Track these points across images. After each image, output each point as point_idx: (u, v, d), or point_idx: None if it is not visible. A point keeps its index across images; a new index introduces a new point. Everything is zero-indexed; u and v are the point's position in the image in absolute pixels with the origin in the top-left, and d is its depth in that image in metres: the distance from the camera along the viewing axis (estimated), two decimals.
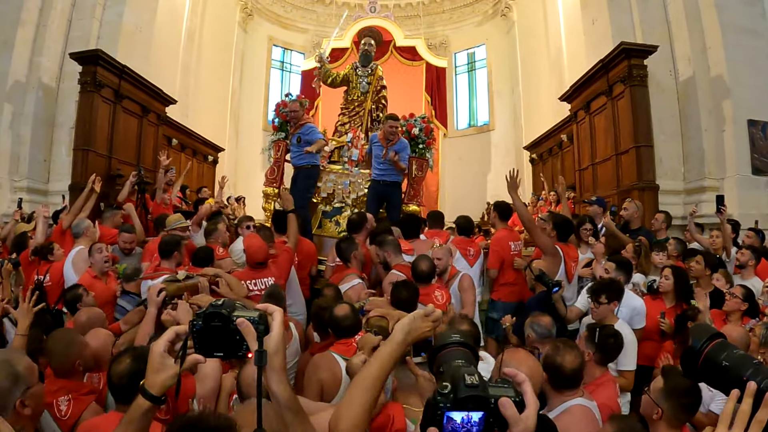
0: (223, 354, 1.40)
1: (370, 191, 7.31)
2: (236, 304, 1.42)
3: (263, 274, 4.71)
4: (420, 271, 4.46)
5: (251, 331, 1.35)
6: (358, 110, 8.71)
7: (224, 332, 1.36)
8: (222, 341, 1.37)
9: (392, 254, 5.01)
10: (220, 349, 1.38)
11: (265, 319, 1.40)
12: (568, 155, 11.34)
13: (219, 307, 1.36)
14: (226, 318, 1.35)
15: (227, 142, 15.54)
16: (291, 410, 1.48)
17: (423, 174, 8.26)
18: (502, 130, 16.77)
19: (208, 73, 14.41)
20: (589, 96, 9.49)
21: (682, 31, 8.63)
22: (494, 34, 17.20)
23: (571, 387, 2.74)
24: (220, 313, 1.35)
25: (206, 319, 1.35)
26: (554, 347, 2.82)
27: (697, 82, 8.43)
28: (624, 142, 8.45)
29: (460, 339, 1.29)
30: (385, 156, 6.94)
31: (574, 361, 2.73)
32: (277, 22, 17.82)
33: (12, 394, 1.91)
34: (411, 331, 1.65)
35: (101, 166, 8.54)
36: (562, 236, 5.24)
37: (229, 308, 1.37)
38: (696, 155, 8.42)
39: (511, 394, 1.06)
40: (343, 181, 7.85)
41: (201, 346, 1.38)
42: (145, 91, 9.72)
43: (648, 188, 7.97)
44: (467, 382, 1.03)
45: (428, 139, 8.17)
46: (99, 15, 9.23)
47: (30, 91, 8.55)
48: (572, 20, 11.14)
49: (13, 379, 1.94)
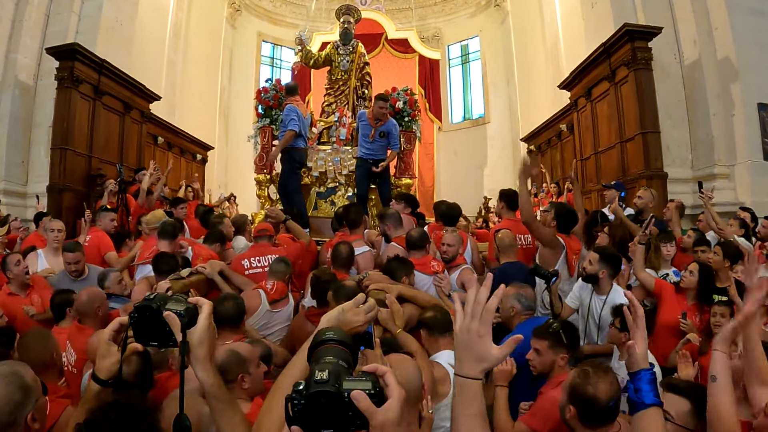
0: (158, 343, 1.49)
1: (359, 170, 7.21)
2: (170, 298, 1.51)
3: (268, 251, 4.79)
4: (413, 240, 4.40)
5: (176, 323, 1.45)
6: (343, 89, 8.70)
7: (156, 324, 1.45)
8: (155, 332, 1.47)
9: (392, 228, 4.95)
10: (155, 339, 1.48)
11: (192, 312, 1.49)
12: (568, 145, 11.02)
13: (150, 301, 1.46)
14: (155, 311, 1.45)
15: (217, 140, 15.12)
16: (215, 398, 1.56)
17: (412, 147, 8.44)
18: (498, 122, 16.45)
19: (195, 69, 14.00)
20: (591, 82, 9.15)
21: (686, 12, 8.27)
22: (488, 25, 16.86)
23: (608, 422, 2.22)
24: (150, 307, 1.45)
25: (139, 312, 1.45)
26: (582, 374, 2.26)
27: (704, 66, 8.08)
28: (629, 128, 8.10)
29: (335, 336, 1.25)
30: (372, 137, 6.88)
31: (610, 390, 2.19)
32: (267, 18, 17.43)
33: (24, 408, 1.79)
34: (339, 325, 1.49)
35: (81, 166, 8.19)
36: (563, 227, 4.81)
37: (161, 301, 1.46)
38: (705, 141, 8.08)
39: (367, 386, 1.05)
40: (333, 158, 7.91)
41: (138, 335, 1.50)
42: (127, 87, 9.32)
43: (656, 176, 7.61)
44: (316, 378, 1.04)
45: (413, 111, 8.33)
46: (77, 9, 8.80)
47: (6, 89, 8.12)
48: (569, 5, 10.80)
49: (24, 392, 1.81)
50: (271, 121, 8.23)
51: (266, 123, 8.28)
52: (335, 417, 1.12)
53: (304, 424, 1.13)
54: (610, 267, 3.96)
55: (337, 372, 1.11)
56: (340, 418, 1.12)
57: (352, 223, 5.20)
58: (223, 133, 15.96)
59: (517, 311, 3.41)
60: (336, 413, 1.11)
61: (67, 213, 7.56)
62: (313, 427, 1.13)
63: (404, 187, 8.26)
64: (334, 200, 7.90)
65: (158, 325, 1.45)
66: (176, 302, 1.48)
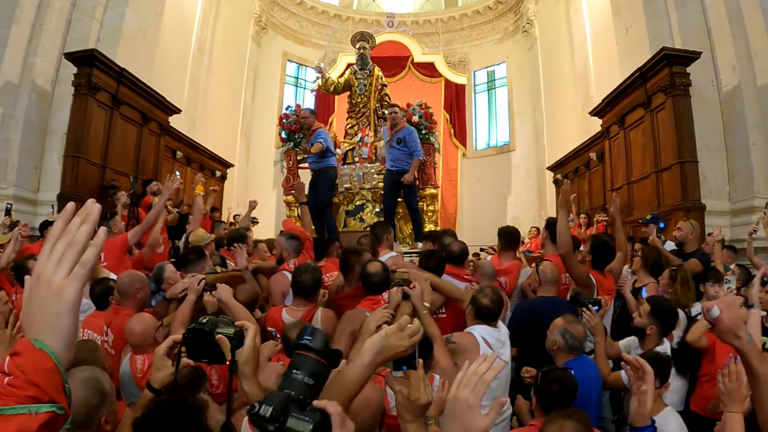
0: (208, 360, 1.71)
1: (385, 182, 7.44)
2: (220, 321, 1.73)
3: None
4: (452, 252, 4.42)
5: (227, 345, 1.67)
6: (363, 110, 8.98)
7: (208, 344, 1.66)
8: (207, 351, 1.68)
9: None
10: (206, 356, 1.70)
11: (240, 335, 1.70)
12: (597, 175, 10.65)
13: (203, 325, 1.68)
14: (208, 334, 1.68)
15: (237, 157, 14.98)
16: None
17: (432, 158, 8.61)
18: (523, 150, 16.18)
19: (218, 85, 13.92)
20: (624, 109, 8.81)
21: (725, 36, 7.89)
22: (515, 51, 16.69)
23: None
24: (203, 330, 1.68)
25: (193, 333, 1.69)
26: None
27: (743, 93, 7.67)
28: (665, 157, 7.74)
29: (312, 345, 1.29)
30: (390, 143, 7.16)
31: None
32: (292, 37, 17.44)
33: (99, 411, 2.00)
34: (382, 350, 1.53)
35: (94, 176, 7.99)
36: (598, 263, 4.38)
37: (212, 325, 1.68)
38: (743, 172, 7.64)
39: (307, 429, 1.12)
40: (356, 173, 8.14)
41: (191, 352, 1.74)
42: (146, 98, 9.16)
43: (694, 208, 7.21)
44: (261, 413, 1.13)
45: (429, 124, 8.52)
46: (100, 16, 8.66)
47: (22, 93, 7.91)
48: (601, 30, 10.53)
49: (101, 396, 2.02)
50: (294, 145, 8.49)
51: (290, 147, 8.54)
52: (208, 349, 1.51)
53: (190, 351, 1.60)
54: (661, 324, 3.45)
55: (284, 407, 1.15)
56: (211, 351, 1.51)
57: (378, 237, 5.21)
58: (244, 150, 15.83)
59: (559, 346, 3.07)
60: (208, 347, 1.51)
61: None
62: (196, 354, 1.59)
63: (429, 197, 8.29)
64: (363, 217, 8.13)
65: (210, 346, 1.65)
66: (226, 325, 1.71)
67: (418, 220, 7.41)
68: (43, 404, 0.81)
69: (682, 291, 4.23)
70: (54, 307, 0.89)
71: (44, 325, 0.88)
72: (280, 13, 17.04)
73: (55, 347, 0.87)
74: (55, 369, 0.85)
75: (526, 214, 14.84)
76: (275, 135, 16.77)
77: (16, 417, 0.79)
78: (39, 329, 0.88)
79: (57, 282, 0.90)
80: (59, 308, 0.89)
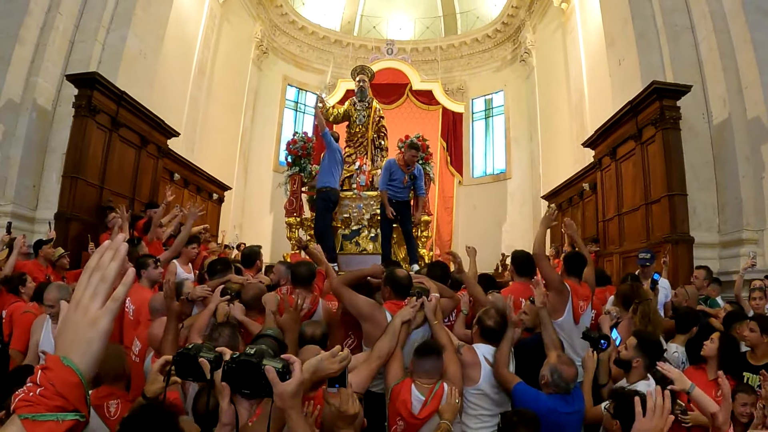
0: (250, 392, 1.70)
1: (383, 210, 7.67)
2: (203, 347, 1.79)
3: None
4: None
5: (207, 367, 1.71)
6: (361, 140, 9.28)
7: (254, 375, 1.66)
8: (250, 382, 1.67)
9: None
10: (248, 388, 1.69)
11: (287, 368, 1.68)
12: (590, 205, 10.72)
13: (251, 356, 1.67)
14: (193, 357, 1.74)
15: (235, 180, 15.07)
16: None
17: (427, 187, 8.95)
18: (519, 178, 16.30)
19: (218, 108, 14.07)
20: (616, 141, 8.90)
21: (716, 70, 8.00)
22: (513, 80, 16.91)
23: None
24: (189, 354, 1.75)
25: (239, 364, 1.67)
26: None
27: (734, 125, 7.73)
28: (655, 190, 7.80)
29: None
30: (406, 181, 7.54)
31: None
32: (293, 62, 17.67)
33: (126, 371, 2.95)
34: (316, 371, 1.89)
35: (91, 196, 8.03)
36: (570, 270, 4.46)
37: (259, 356, 1.68)
38: (733, 205, 7.69)
39: (278, 365, 1.61)
40: (357, 204, 8.55)
41: (179, 371, 1.79)
42: (145, 121, 9.24)
43: (682, 241, 7.27)
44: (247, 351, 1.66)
45: (426, 155, 9.03)
46: (102, 38, 8.81)
47: (23, 111, 8.03)
48: (596, 61, 10.70)
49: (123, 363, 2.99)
50: (300, 170, 8.89)
51: (296, 171, 8.91)
52: (252, 381, 1.62)
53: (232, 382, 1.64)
54: (647, 357, 3.40)
55: (262, 352, 1.66)
56: (255, 383, 1.62)
57: None
58: (242, 173, 15.93)
59: (546, 382, 3.14)
60: (253, 378, 1.61)
61: (73, 242, 7.40)
62: (237, 386, 1.65)
63: (423, 224, 8.66)
64: (359, 241, 8.47)
65: (256, 377, 1.65)
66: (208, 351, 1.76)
67: (412, 245, 7.60)
68: (69, 413, 0.95)
69: (641, 324, 4.19)
70: (88, 334, 1.03)
71: (75, 347, 1.02)
72: (281, 38, 17.30)
73: (82, 366, 0.99)
74: (80, 384, 0.98)
75: (521, 242, 14.83)
76: (274, 158, 16.91)
77: (45, 423, 0.92)
78: (69, 349, 1.02)
79: (93, 312, 1.04)
80: (92, 335, 1.03)
